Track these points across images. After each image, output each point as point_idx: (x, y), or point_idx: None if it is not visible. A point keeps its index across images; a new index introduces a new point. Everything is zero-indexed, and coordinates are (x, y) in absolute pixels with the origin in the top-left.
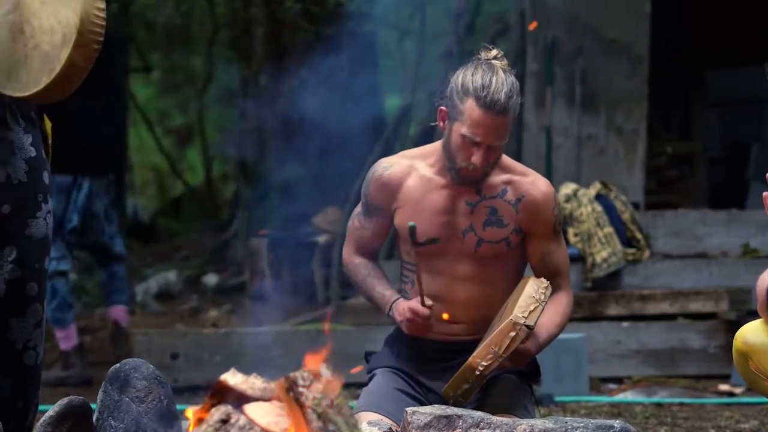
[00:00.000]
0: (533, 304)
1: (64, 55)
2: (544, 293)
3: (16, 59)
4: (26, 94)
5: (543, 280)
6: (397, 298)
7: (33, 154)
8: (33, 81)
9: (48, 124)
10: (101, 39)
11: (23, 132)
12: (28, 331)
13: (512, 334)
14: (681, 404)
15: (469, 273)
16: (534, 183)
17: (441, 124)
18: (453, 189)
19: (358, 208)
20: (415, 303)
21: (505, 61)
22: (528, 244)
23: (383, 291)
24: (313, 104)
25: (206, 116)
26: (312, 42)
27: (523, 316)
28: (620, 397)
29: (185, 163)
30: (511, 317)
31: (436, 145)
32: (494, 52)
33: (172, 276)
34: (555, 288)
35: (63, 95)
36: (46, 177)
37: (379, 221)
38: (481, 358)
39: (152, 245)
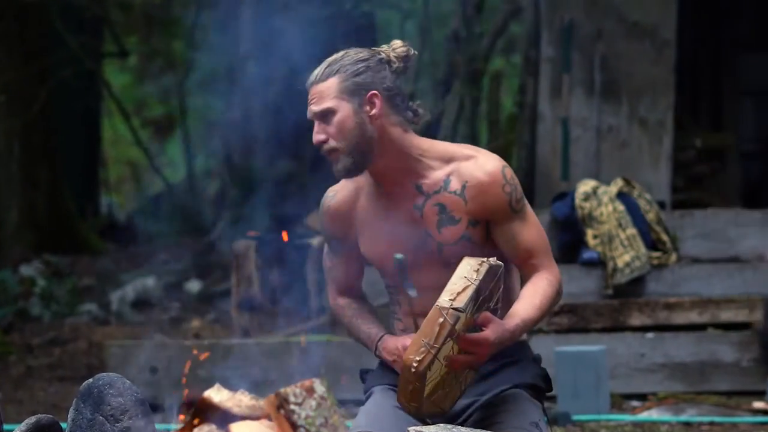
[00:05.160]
0: (463, 284)
1: None
2: (477, 270)
3: None
4: None
5: (479, 258)
6: (383, 335)
7: None
8: None
9: None
10: None
11: None
12: None
13: (440, 320)
14: (711, 423)
15: (446, 281)
16: (479, 164)
17: None
18: (398, 198)
19: (326, 247)
20: (408, 341)
21: (399, 49)
22: (492, 233)
23: (368, 330)
24: (307, 93)
25: (188, 106)
26: (306, 25)
27: (450, 299)
28: (644, 415)
29: (165, 158)
30: (436, 302)
31: None
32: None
33: (150, 282)
34: (532, 270)
35: None
36: None
37: (347, 255)
38: (413, 354)
39: (129, 248)
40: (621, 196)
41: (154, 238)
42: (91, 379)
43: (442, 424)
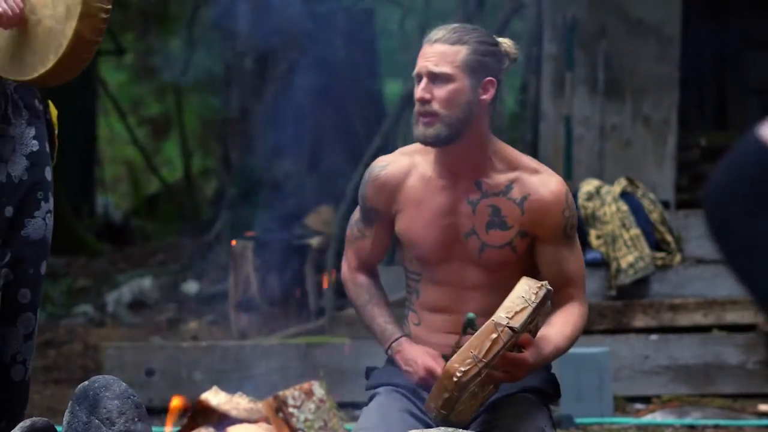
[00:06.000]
0: (521, 304)
1: (70, 28)
2: (536, 293)
3: (18, 39)
4: (32, 76)
5: (538, 281)
6: (398, 337)
7: (35, 148)
8: (39, 61)
9: (54, 113)
10: (109, 7)
11: (26, 125)
12: (17, 343)
13: (494, 336)
14: (716, 427)
15: (476, 281)
16: (543, 181)
17: None
18: (454, 188)
19: (356, 215)
20: (431, 361)
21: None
22: (536, 249)
23: (384, 324)
24: (305, 91)
25: (185, 105)
26: (304, 21)
27: (507, 317)
28: (648, 418)
29: (162, 157)
30: (493, 317)
31: None
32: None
33: (147, 283)
34: (566, 299)
35: (72, 74)
36: (48, 173)
37: (380, 228)
38: (459, 363)
39: (125, 248)
40: (624, 195)
41: (151, 239)
42: (86, 382)
43: (442, 428)
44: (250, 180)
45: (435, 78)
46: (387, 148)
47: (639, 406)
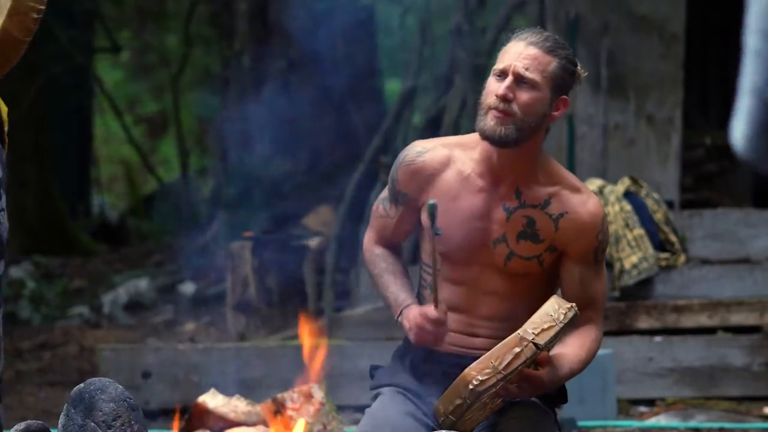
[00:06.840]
0: (548, 322)
1: None
2: (564, 314)
3: None
4: None
5: (567, 302)
6: (409, 304)
7: None
8: None
9: (4, 109)
10: (42, 8)
11: None
12: None
13: (516, 350)
14: (721, 430)
15: (496, 287)
16: (583, 201)
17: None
18: (492, 191)
19: (384, 193)
20: (428, 307)
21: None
22: (562, 266)
23: (397, 292)
24: (304, 90)
25: (182, 103)
26: (302, 18)
27: (533, 333)
28: (652, 421)
29: (158, 156)
30: (518, 331)
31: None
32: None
33: (143, 284)
34: (584, 321)
35: None
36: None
37: (406, 212)
38: (477, 372)
39: (121, 249)
40: (628, 195)
41: (147, 239)
42: (82, 384)
43: (444, 431)
44: (248, 179)
45: (521, 81)
46: (386, 148)
47: (643, 408)
